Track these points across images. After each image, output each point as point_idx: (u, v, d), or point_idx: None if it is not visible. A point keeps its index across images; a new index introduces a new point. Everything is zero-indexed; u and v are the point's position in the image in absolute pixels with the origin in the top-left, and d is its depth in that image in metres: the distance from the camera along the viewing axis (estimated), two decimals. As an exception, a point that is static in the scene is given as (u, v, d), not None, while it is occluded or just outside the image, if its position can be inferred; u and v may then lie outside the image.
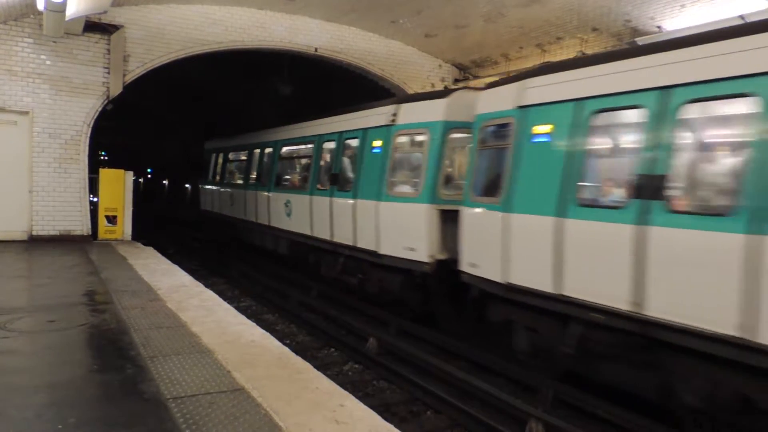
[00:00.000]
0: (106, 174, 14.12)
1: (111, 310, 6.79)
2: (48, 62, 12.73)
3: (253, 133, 16.85)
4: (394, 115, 10.02)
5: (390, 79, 16.53)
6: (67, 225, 13.13)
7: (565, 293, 6.32)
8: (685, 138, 5.83)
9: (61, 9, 10.02)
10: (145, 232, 17.39)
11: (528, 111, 7.15)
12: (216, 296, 7.90)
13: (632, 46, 7.50)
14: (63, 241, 12.76)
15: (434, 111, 9.39)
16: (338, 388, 4.56)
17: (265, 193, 14.87)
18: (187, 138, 28.21)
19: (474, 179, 8.06)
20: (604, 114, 6.36)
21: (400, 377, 7.49)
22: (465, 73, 17.15)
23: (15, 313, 6.57)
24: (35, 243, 12.52)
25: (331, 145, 11.98)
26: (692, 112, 5.57)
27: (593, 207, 6.25)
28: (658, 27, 11.36)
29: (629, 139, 6.51)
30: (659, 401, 5.85)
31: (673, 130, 5.57)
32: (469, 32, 14.72)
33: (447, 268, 8.61)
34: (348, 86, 18.02)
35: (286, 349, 5.51)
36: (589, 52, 12.55)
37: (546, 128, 6.89)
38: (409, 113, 9.85)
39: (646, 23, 11.47)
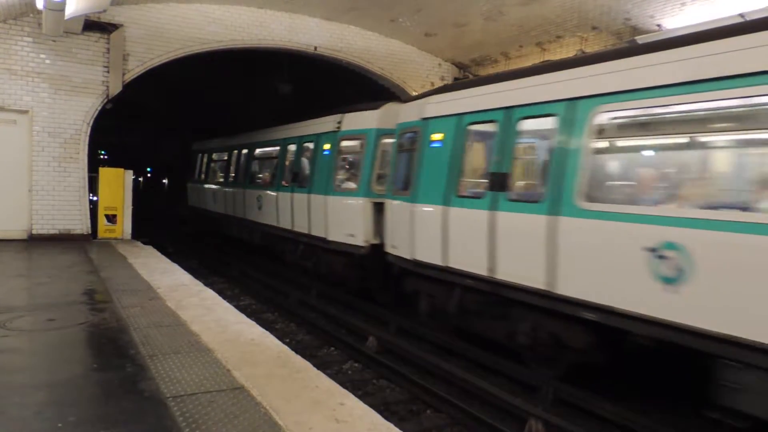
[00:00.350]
0: (105, 173, 14.13)
1: (110, 309, 6.79)
2: (47, 61, 12.72)
3: (232, 137, 18.60)
4: (339, 123, 11.90)
5: (389, 77, 16.53)
6: (67, 224, 13.13)
7: (450, 265, 8.01)
8: (519, 145, 7.47)
9: (61, 8, 10.02)
10: (145, 231, 17.40)
11: (428, 122, 8.83)
12: (216, 295, 7.91)
13: (495, 74, 9.28)
14: (62, 240, 12.76)
15: (369, 120, 11.17)
16: (338, 386, 4.56)
17: (241, 190, 16.72)
18: (186, 137, 28.25)
19: (394, 177, 9.70)
20: (477, 126, 8.05)
21: (400, 376, 7.48)
22: (465, 71, 17.15)
23: (15, 311, 6.57)
24: (35, 242, 12.52)
25: (293, 147, 13.90)
26: (524, 126, 7.23)
27: (466, 198, 7.90)
28: (658, 25, 11.36)
29: (487, 146, 8.08)
30: (509, 344, 7.53)
31: (512, 140, 7.30)
32: (469, 31, 14.72)
33: (379, 251, 10.11)
34: (347, 85, 18.02)
35: (286, 348, 5.51)
36: (589, 50, 12.54)
37: (439, 136, 8.62)
38: (351, 121, 11.67)
39: (646, 22, 11.47)
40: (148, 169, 47.14)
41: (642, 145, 6.75)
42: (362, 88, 17.09)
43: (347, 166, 11.79)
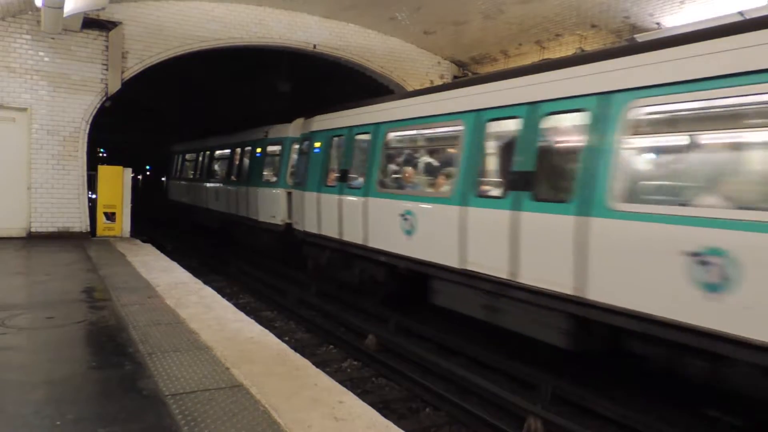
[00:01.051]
0: (104, 171, 14.11)
1: (109, 307, 6.79)
2: (46, 59, 12.71)
3: (199, 140, 22.19)
4: (266, 132, 15.74)
5: (389, 75, 16.51)
6: (66, 222, 13.12)
7: (322, 233, 11.33)
8: (356, 151, 10.71)
9: (59, 5, 9.99)
10: (144, 229, 17.41)
11: (314, 134, 12.31)
12: (215, 293, 7.91)
13: (359, 101, 11.18)
14: (61, 238, 12.76)
15: (285, 130, 14.88)
16: (337, 384, 4.56)
17: (205, 185, 20.52)
18: (186, 135, 28.26)
19: (296, 173, 13.36)
20: (336, 138, 11.36)
21: (399, 374, 7.49)
22: (464, 69, 17.14)
23: (13, 309, 6.57)
24: (34, 240, 12.52)
25: (239, 150, 17.72)
26: (361, 138, 10.50)
27: (327, 186, 11.23)
28: (657, 24, 11.35)
29: (338, 152, 11.23)
30: (359, 287, 10.74)
31: (351, 146, 10.67)
32: (468, 29, 14.71)
33: (291, 228, 13.23)
34: (347, 83, 18.00)
35: (285, 346, 5.52)
36: (588, 48, 12.53)
37: (318, 144, 11.96)
38: (274, 131, 15.45)
39: (645, 20, 11.47)
40: (148, 167, 47.06)
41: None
42: (362, 85, 17.07)
43: (271, 165, 15.38)
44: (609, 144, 5.83)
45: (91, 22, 12.75)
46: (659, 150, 6.30)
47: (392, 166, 9.99)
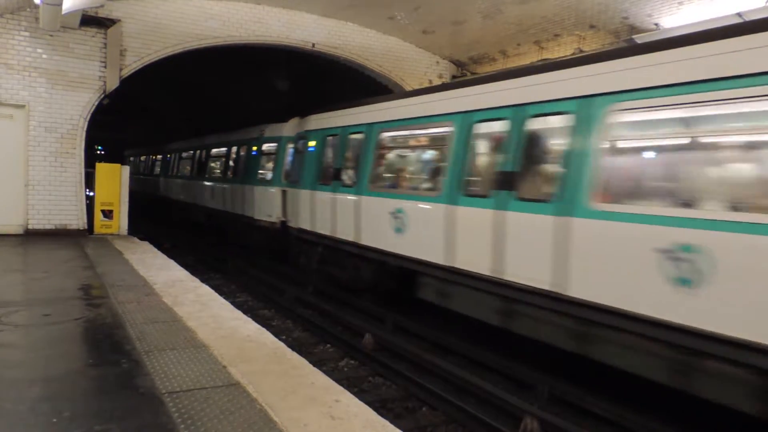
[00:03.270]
0: (102, 168, 14.07)
1: (106, 305, 6.78)
2: (44, 56, 12.68)
3: (196, 138, 22.41)
4: (262, 131, 15.93)
5: (387, 75, 16.50)
6: (63, 219, 13.09)
7: (316, 231, 11.68)
8: (348, 151, 11.21)
9: (58, 2, 9.98)
10: (142, 226, 17.37)
11: (308, 133, 12.60)
12: (212, 291, 7.90)
13: (352, 101, 11.48)
14: (59, 236, 12.74)
15: (280, 130, 15.15)
16: (334, 383, 4.56)
17: (201, 183, 20.64)
18: (184, 133, 28.24)
19: (291, 171, 13.83)
20: (330, 138, 11.65)
21: (396, 373, 7.50)
22: (462, 69, 17.14)
23: (10, 306, 6.56)
24: (31, 237, 12.49)
25: (234, 149, 18.03)
26: (352, 137, 10.91)
27: (322, 185, 11.53)
28: (656, 24, 11.36)
29: (334, 151, 11.52)
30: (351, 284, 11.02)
31: (346, 145, 11.04)
32: (467, 29, 14.71)
33: (286, 226, 13.62)
34: (345, 82, 17.99)
35: (282, 345, 5.51)
36: (587, 49, 12.55)
37: (313, 143, 12.26)
38: (269, 130, 15.65)
39: (644, 20, 11.48)
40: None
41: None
42: (361, 84, 17.06)
43: (267, 164, 15.61)
44: (588, 146, 6.07)
45: (90, 20, 12.72)
46: (635, 152, 6.45)
47: (384, 166, 10.29)
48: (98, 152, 38.76)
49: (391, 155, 10.33)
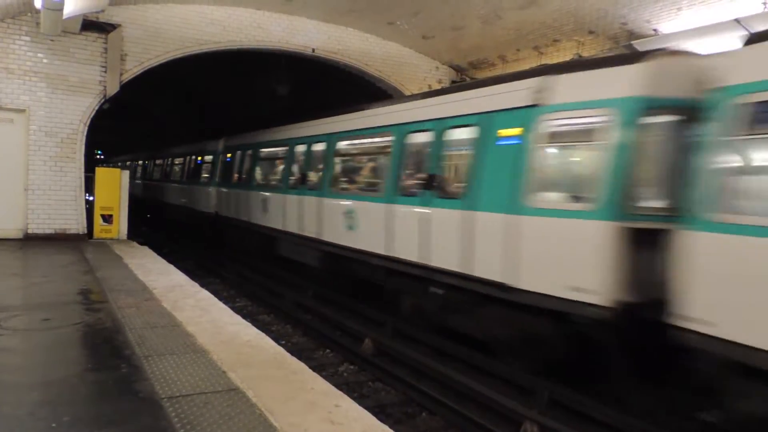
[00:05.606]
0: (102, 173, 14.09)
1: (106, 309, 6.78)
2: (45, 60, 12.71)
3: (165, 148, 25.69)
4: (205, 145, 19.65)
5: (387, 80, 16.54)
6: (63, 224, 13.10)
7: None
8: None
9: (59, 7, 10.00)
10: (141, 231, 17.40)
11: (227, 148, 16.30)
12: (211, 296, 7.90)
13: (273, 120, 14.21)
14: (58, 240, 12.74)
15: (216, 144, 18.32)
16: (333, 388, 4.56)
17: (167, 185, 24.11)
18: (183, 137, 28.33)
19: (222, 176, 17.73)
20: (240, 151, 15.42)
21: (396, 378, 7.48)
22: (462, 74, 17.17)
23: (9, 311, 6.56)
24: (30, 241, 12.49)
25: (200, 157, 20.47)
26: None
27: (233, 185, 15.30)
28: (655, 30, 11.40)
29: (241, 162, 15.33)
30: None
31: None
32: (466, 34, 14.74)
33: (219, 216, 16.96)
34: (345, 87, 18.01)
35: (282, 350, 5.51)
36: (586, 54, 12.58)
37: (229, 155, 16.44)
38: (210, 145, 19.16)
39: (643, 26, 11.52)
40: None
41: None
42: (361, 89, 17.09)
43: (208, 169, 18.96)
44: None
45: (91, 24, 12.76)
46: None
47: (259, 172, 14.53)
48: (98, 156, 38.81)
49: (263, 164, 14.81)
